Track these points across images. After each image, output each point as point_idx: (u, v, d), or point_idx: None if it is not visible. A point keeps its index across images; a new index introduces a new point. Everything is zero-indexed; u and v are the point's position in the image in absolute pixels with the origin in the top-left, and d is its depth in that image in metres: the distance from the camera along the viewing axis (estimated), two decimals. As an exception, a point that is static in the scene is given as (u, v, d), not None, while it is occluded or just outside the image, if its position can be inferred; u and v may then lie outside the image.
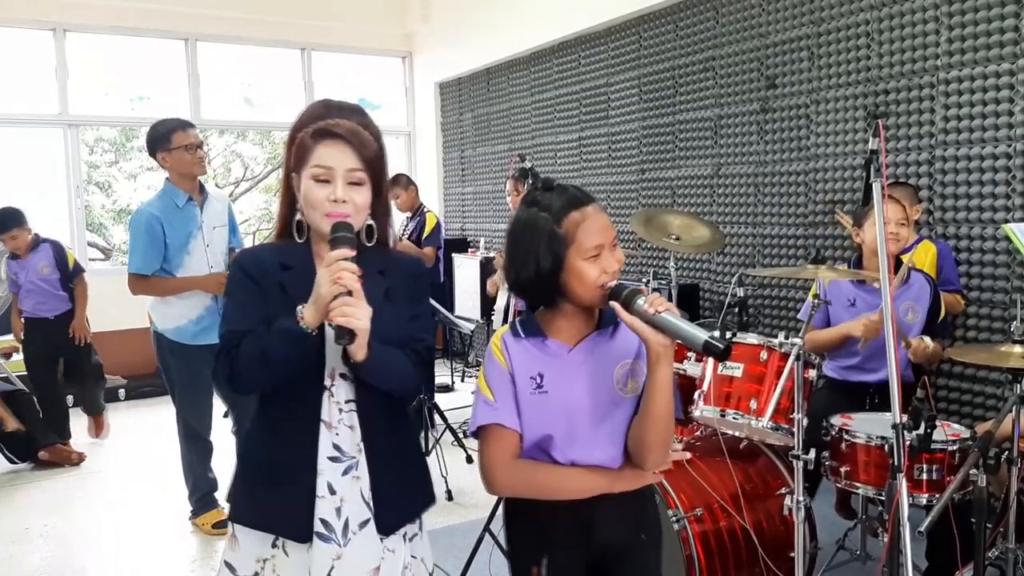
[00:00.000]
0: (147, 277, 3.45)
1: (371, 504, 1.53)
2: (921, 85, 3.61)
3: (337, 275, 1.38)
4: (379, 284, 1.57)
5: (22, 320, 4.85)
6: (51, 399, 4.85)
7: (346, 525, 1.51)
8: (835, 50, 3.98)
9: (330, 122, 1.53)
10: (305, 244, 1.57)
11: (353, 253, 1.43)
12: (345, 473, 1.52)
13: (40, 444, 4.68)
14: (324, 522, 1.51)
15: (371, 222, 1.57)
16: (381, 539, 1.56)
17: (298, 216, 1.55)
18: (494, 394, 1.50)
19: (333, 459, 1.52)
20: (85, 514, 4.00)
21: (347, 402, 1.54)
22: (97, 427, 5.18)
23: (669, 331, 1.36)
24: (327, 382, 1.53)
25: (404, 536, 1.61)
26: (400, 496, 1.60)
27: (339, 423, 1.53)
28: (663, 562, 1.67)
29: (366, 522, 1.53)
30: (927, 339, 2.84)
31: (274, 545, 1.54)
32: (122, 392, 6.22)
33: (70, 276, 4.88)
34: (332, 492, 1.51)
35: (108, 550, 3.57)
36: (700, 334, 1.33)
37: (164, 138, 3.49)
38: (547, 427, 1.50)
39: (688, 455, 1.62)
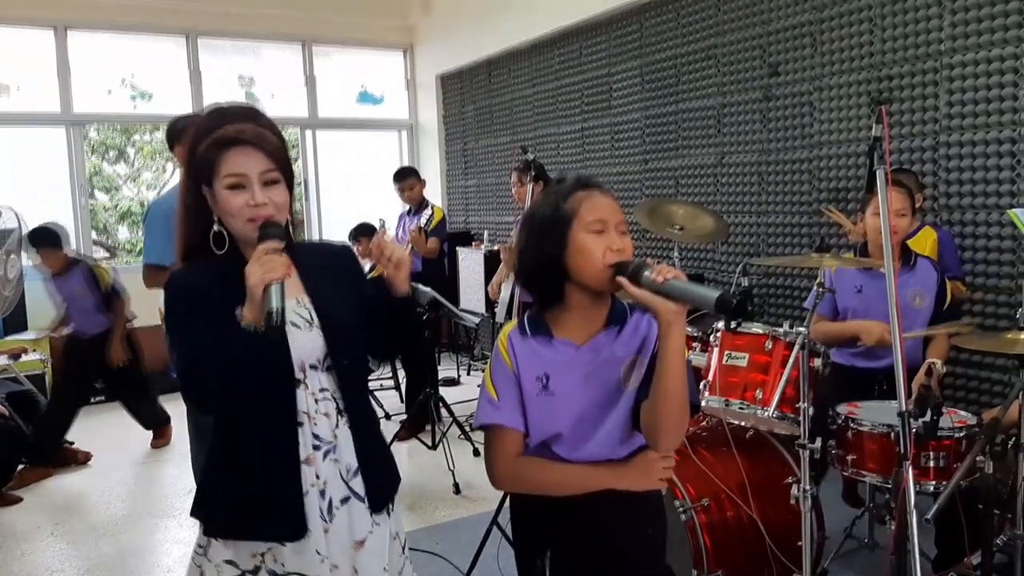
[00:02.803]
0: (164, 269, 3.46)
1: (348, 483, 1.56)
2: (924, 71, 3.59)
3: (267, 265, 1.37)
4: (325, 277, 1.61)
5: (64, 331, 4.69)
6: (58, 419, 4.63)
7: (330, 504, 1.54)
8: (837, 36, 3.95)
9: (231, 129, 1.49)
10: (231, 253, 1.52)
11: (281, 245, 1.42)
12: (325, 457, 1.54)
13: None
14: (315, 505, 1.54)
15: (288, 219, 1.55)
16: (371, 514, 1.58)
17: (215, 228, 1.51)
18: (498, 394, 1.50)
19: (315, 447, 1.53)
20: (96, 511, 4.03)
21: (321, 391, 1.55)
22: (156, 437, 4.98)
23: (678, 296, 1.32)
24: (299, 375, 1.53)
25: (387, 510, 1.64)
26: (384, 472, 1.65)
27: (316, 413, 1.54)
28: (671, 555, 1.67)
29: (346, 499, 1.56)
30: (937, 364, 2.80)
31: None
32: (130, 389, 6.23)
33: (107, 297, 4.66)
34: (317, 477, 1.53)
35: (119, 547, 3.59)
36: (711, 293, 1.29)
37: (181, 132, 3.51)
38: (553, 426, 1.49)
39: (672, 463, 1.57)
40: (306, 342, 1.53)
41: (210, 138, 1.50)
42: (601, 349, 1.50)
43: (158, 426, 4.97)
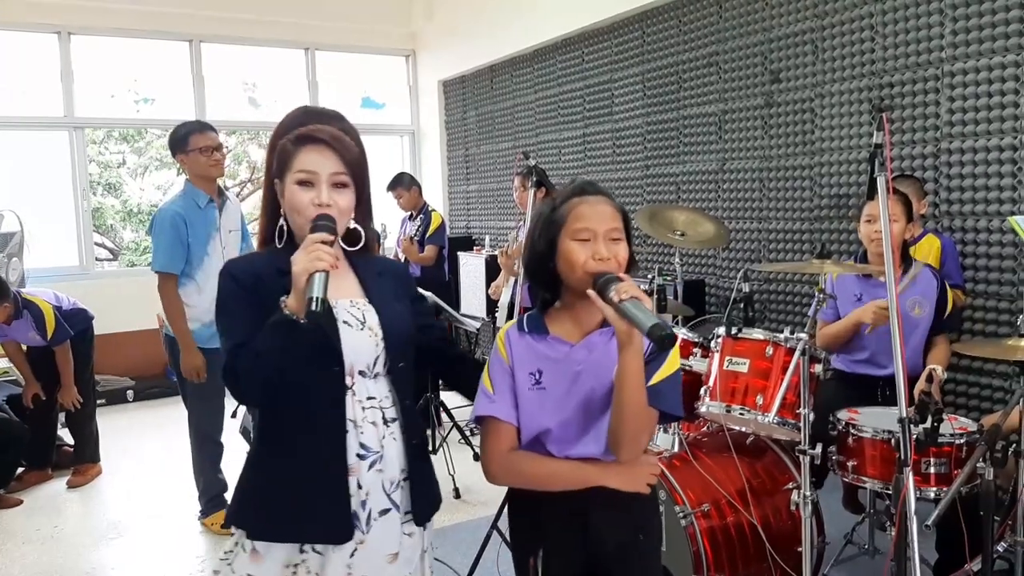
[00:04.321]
0: (171, 279, 3.46)
1: (390, 495, 1.56)
2: (926, 78, 3.60)
3: (314, 254, 1.38)
4: (383, 284, 1.61)
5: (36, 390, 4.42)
6: (44, 419, 4.49)
7: (369, 515, 1.54)
8: (839, 43, 3.96)
9: (312, 127, 1.53)
10: (290, 248, 1.53)
11: (332, 238, 1.44)
12: (370, 468, 1.54)
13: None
14: (355, 514, 1.53)
15: (355, 226, 1.59)
16: (402, 524, 1.58)
17: (280, 222, 1.56)
18: (494, 387, 1.54)
19: (361, 456, 1.53)
20: (95, 514, 4.03)
21: (368, 399, 1.55)
22: (76, 475, 4.47)
23: (625, 317, 1.35)
24: (347, 381, 1.53)
25: (425, 524, 1.65)
26: (429, 486, 1.65)
27: (363, 420, 1.54)
28: (671, 560, 1.67)
29: (386, 511, 1.55)
30: (938, 370, 2.81)
31: (302, 550, 1.53)
32: (130, 393, 6.24)
33: (51, 342, 4.34)
34: (359, 487, 1.53)
35: (118, 550, 3.59)
36: (647, 320, 1.32)
37: (182, 140, 3.52)
38: (544, 422, 1.52)
39: (658, 469, 1.61)
40: (357, 343, 1.53)
41: (291, 134, 1.54)
42: (594, 349, 1.53)
43: (84, 461, 4.54)
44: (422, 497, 1.61)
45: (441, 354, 1.81)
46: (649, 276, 3.41)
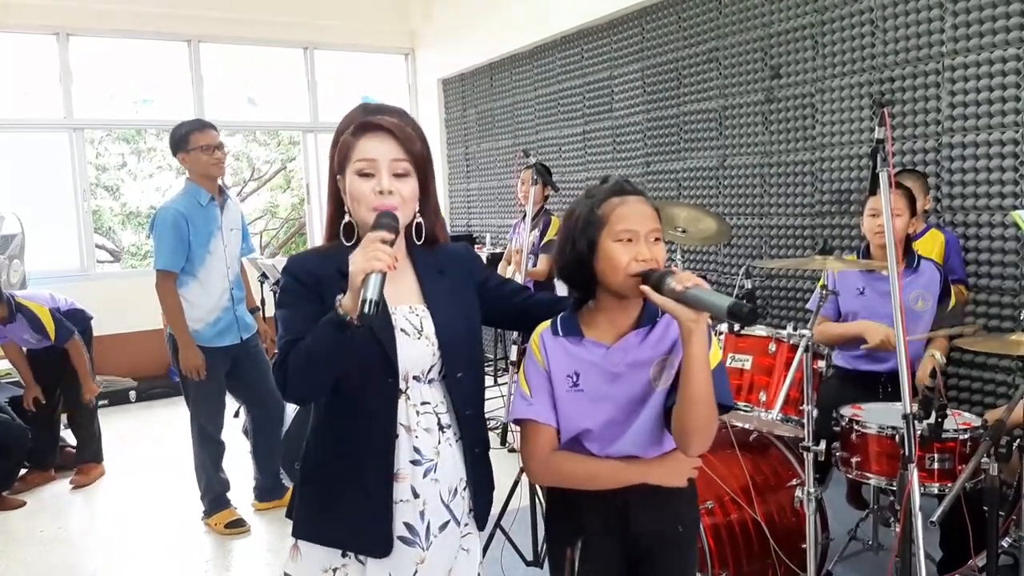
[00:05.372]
0: (171, 278, 3.46)
1: (449, 505, 1.52)
2: (927, 72, 3.59)
3: (371, 253, 1.33)
4: (442, 283, 1.57)
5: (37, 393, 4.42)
6: (47, 422, 4.50)
7: (428, 528, 1.50)
8: (839, 38, 3.95)
9: (371, 118, 1.50)
10: (355, 247, 1.47)
11: (393, 237, 1.38)
12: (425, 476, 1.50)
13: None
14: (408, 526, 1.49)
15: (420, 219, 1.53)
16: (461, 537, 1.56)
17: (346, 218, 1.51)
18: (531, 390, 1.54)
19: (414, 463, 1.49)
20: (98, 515, 4.03)
21: (422, 404, 1.51)
22: (79, 474, 4.48)
23: (694, 304, 1.35)
24: (402, 385, 1.50)
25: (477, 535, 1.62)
26: (487, 490, 1.62)
27: (417, 426, 1.50)
28: (696, 552, 1.68)
29: (445, 524, 1.52)
30: (937, 355, 2.80)
31: (344, 555, 1.50)
32: (132, 394, 6.24)
33: (57, 342, 4.33)
34: (416, 496, 1.49)
35: (122, 551, 3.59)
36: (723, 301, 1.32)
37: (183, 139, 3.52)
38: (583, 422, 1.52)
39: (699, 462, 1.60)
40: (412, 352, 1.49)
41: (351, 128, 1.50)
42: (630, 350, 1.52)
43: (87, 461, 4.54)
44: (480, 503, 1.58)
45: (524, 314, 1.70)
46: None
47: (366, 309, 1.28)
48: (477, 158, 7.28)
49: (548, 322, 1.58)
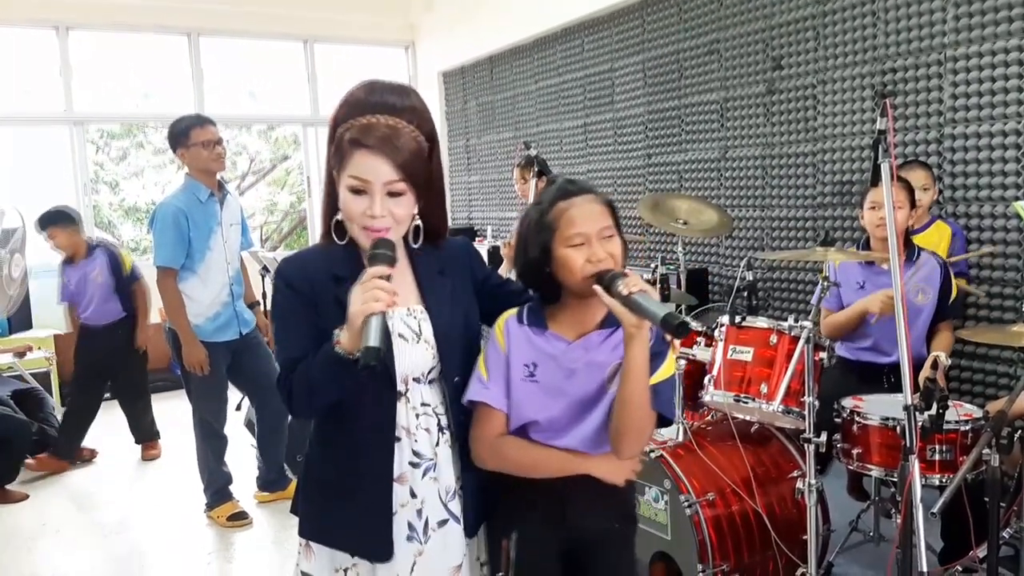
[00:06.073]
0: (172, 274, 3.46)
1: (447, 504, 1.53)
2: (929, 63, 3.57)
3: (370, 293, 1.29)
4: (443, 286, 1.55)
5: (79, 326, 4.61)
6: (78, 418, 4.60)
7: (426, 524, 1.51)
8: (841, 29, 3.94)
9: (368, 123, 1.39)
10: (350, 247, 1.47)
11: (390, 271, 1.35)
12: (424, 475, 1.51)
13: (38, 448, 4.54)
14: (409, 524, 1.50)
15: (418, 223, 1.48)
16: (466, 541, 1.56)
17: (338, 216, 1.46)
18: (488, 373, 1.54)
19: (414, 464, 1.50)
20: (100, 508, 4.04)
21: (422, 404, 1.51)
22: (147, 449, 4.82)
23: (635, 309, 1.36)
24: (400, 387, 1.49)
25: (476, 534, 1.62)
26: (485, 494, 1.60)
27: (417, 428, 1.50)
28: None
29: (444, 521, 1.52)
30: (942, 356, 2.79)
31: (353, 554, 1.51)
32: (135, 387, 6.25)
33: (125, 282, 4.59)
34: (413, 496, 1.50)
35: (125, 544, 3.60)
36: (660, 310, 1.33)
37: (182, 134, 3.50)
38: (532, 413, 1.53)
39: (639, 465, 1.63)
40: (412, 356, 1.48)
41: (347, 127, 1.41)
42: (591, 348, 1.53)
43: (149, 439, 4.83)
44: (472, 506, 1.57)
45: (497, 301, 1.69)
46: (652, 265, 3.40)
47: (369, 360, 1.25)
48: (478, 151, 7.27)
49: (515, 309, 1.59)
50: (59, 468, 4.54)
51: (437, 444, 1.52)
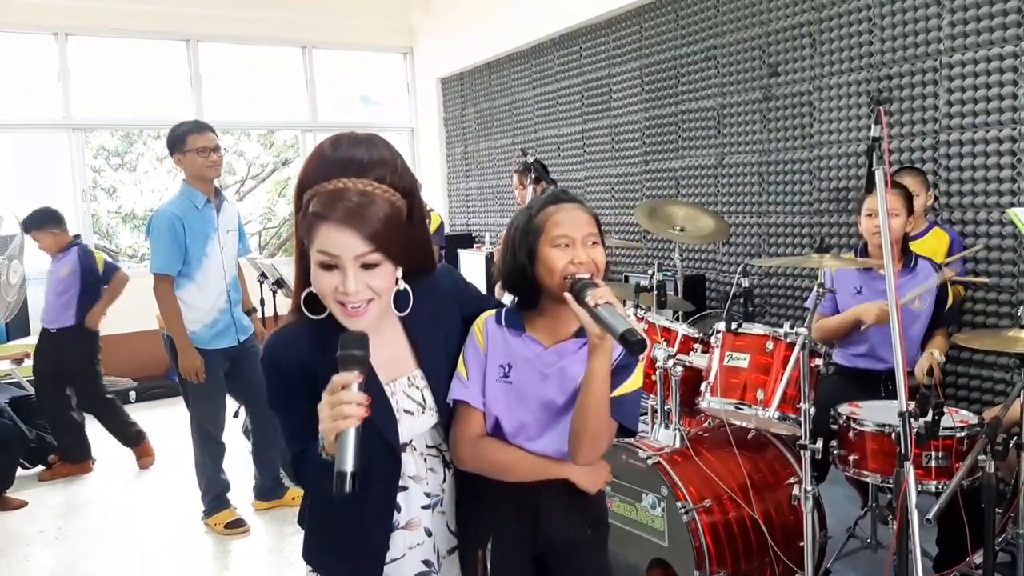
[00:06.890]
0: (168, 281, 3.47)
1: (455, 532, 1.57)
2: (924, 70, 3.59)
3: (338, 410, 1.19)
4: (438, 339, 1.53)
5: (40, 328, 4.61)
6: (61, 421, 4.56)
7: (439, 555, 1.53)
8: (836, 36, 3.96)
9: (331, 190, 1.27)
10: (328, 322, 1.37)
11: (361, 378, 1.23)
12: (433, 511, 1.52)
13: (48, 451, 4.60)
14: (427, 562, 1.51)
15: (403, 287, 1.38)
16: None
17: (311, 287, 1.35)
18: (468, 372, 1.55)
19: (426, 507, 1.51)
20: (98, 515, 4.04)
21: (427, 447, 1.52)
22: (141, 456, 4.75)
23: (599, 321, 1.38)
24: (405, 439, 1.47)
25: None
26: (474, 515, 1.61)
27: (426, 471, 1.51)
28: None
29: (453, 549, 1.56)
30: (936, 353, 2.80)
31: None
32: (132, 394, 6.26)
33: (101, 279, 4.61)
34: (429, 535, 1.51)
35: (121, 551, 3.59)
36: (620, 325, 1.34)
37: (179, 140, 3.51)
38: (503, 414, 1.54)
39: (610, 475, 1.66)
40: (418, 424, 1.48)
41: (312, 193, 1.29)
42: (566, 355, 1.54)
43: (136, 444, 4.75)
44: (469, 538, 1.59)
45: None
46: (649, 271, 3.41)
47: (344, 487, 1.17)
48: (476, 157, 7.28)
49: (494, 311, 1.60)
50: (80, 471, 4.59)
51: (444, 480, 1.54)
